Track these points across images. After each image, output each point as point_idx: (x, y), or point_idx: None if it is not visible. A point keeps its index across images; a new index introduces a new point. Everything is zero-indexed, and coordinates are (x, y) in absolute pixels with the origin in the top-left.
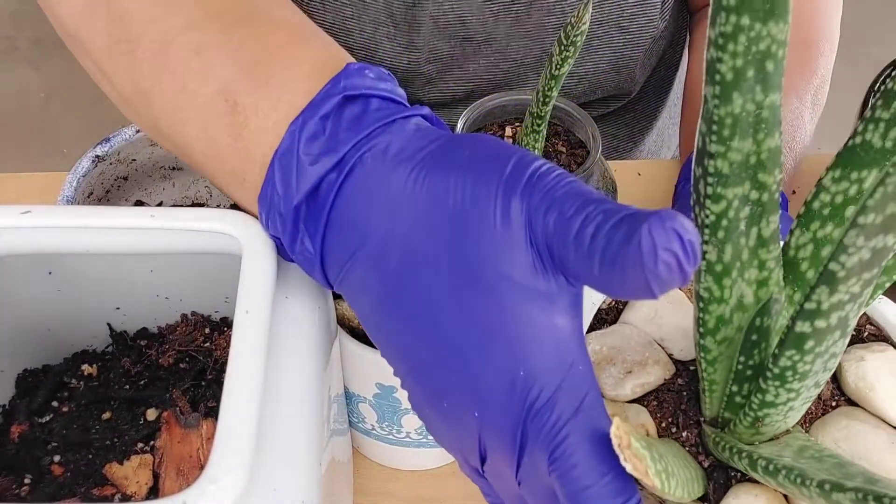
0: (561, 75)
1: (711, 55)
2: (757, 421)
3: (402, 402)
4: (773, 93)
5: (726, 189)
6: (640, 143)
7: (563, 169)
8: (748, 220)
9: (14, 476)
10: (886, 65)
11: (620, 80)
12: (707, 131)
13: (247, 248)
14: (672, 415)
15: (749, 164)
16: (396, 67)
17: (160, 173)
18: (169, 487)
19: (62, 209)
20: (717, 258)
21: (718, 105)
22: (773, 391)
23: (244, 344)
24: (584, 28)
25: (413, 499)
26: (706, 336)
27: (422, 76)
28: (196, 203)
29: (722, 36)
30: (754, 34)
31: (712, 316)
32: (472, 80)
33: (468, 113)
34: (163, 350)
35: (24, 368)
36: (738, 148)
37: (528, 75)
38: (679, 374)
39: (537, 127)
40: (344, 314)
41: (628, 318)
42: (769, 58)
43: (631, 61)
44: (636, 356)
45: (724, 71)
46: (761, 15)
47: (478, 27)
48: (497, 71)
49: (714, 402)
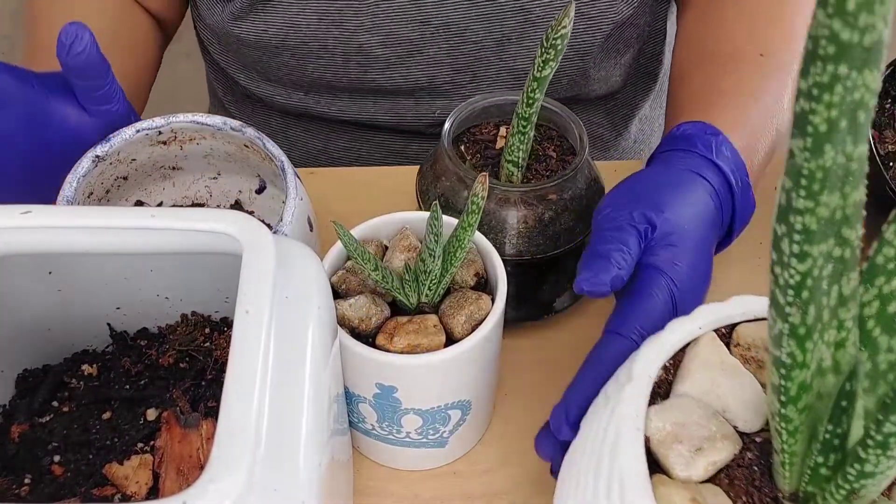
0: (544, 78)
1: (802, 107)
2: (852, 493)
3: (402, 402)
4: (861, 143)
5: (812, 246)
6: (623, 132)
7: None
8: (830, 278)
9: (14, 476)
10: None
11: (584, 65)
12: (794, 186)
13: (247, 248)
14: (746, 493)
15: (835, 220)
16: (349, 50)
17: (160, 173)
18: (169, 487)
19: (62, 209)
20: (801, 320)
21: (809, 158)
22: (873, 460)
23: (244, 344)
24: (563, 32)
25: (413, 499)
26: (788, 405)
27: (379, 60)
28: (196, 203)
29: (817, 87)
30: (850, 83)
31: (794, 383)
32: (431, 65)
33: (456, 113)
34: (163, 350)
35: (24, 368)
36: (826, 203)
37: (490, 60)
38: (746, 447)
39: (523, 128)
40: (344, 314)
41: (683, 390)
42: (861, 107)
43: (592, 47)
44: (703, 431)
45: (817, 123)
46: (858, 63)
47: (433, 10)
48: (458, 54)
49: (794, 476)
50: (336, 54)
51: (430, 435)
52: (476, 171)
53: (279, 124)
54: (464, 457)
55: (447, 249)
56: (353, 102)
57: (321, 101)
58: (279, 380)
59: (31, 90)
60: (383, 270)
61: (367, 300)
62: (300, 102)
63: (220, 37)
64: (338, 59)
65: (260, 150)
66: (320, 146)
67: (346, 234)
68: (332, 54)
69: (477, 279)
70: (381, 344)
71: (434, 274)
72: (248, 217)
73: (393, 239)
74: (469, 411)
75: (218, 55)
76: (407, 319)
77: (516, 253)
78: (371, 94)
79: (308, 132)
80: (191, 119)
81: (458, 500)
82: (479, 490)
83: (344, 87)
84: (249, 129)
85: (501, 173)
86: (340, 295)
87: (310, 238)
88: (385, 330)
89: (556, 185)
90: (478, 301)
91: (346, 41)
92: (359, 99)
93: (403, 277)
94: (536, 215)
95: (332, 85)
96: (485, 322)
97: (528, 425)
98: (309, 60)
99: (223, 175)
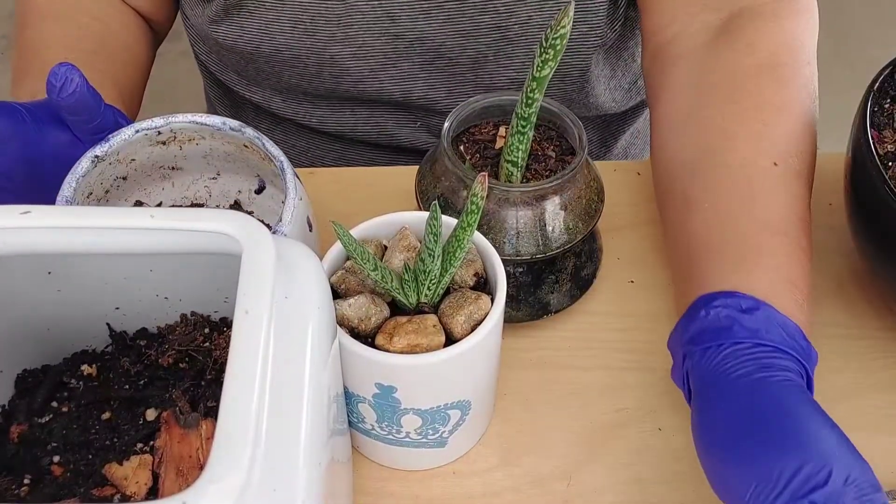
0: (543, 78)
1: None
2: None
3: (402, 402)
4: None
5: None
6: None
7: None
8: None
9: (14, 476)
10: (885, 65)
11: (566, 88)
12: None
13: (247, 248)
14: None
15: None
16: (321, 61)
17: (159, 173)
18: (168, 487)
19: (62, 209)
20: None
21: None
22: None
23: (244, 344)
24: (563, 31)
25: (413, 499)
26: None
27: (351, 72)
28: (196, 203)
29: None
30: None
31: None
32: (405, 80)
33: (455, 113)
34: (162, 350)
35: (23, 368)
36: None
37: (465, 76)
38: None
39: (522, 128)
40: (343, 314)
41: None
42: None
43: (574, 70)
44: None
45: None
46: None
47: (408, 24)
48: (433, 69)
49: None
50: (309, 64)
51: (430, 435)
52: (475, 171)
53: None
54: (464, 457)
55: (447, 249)
56: (331, 111)
57: (300, 109)
58: (279, 380)
59: (24, 126)
60: (383, 270)
61: (367, 300)
62: (281, 109)
63: (203, 38)
64: (311, 68)
65: (259, 150)
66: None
67: (345, 234)
68: (305, 64)
69: (476, 279)
70: (380, 344)
71: (433, 274)
72: (248, 217)
73: (392, 239)
74: (469, 411)
75: (204, 56)
76: (406, 319)
77: (516, 253)
78: (349, 104)
79: (295, 149)
80: (190, 119)
81: (458, 500)
82: (479, 490)
83: (321, 94)
84: (249, 130)
85: (501, 173)
86: (340, 295)
87: (309, 238)
88: (384, 330)
89: (555, 185)
90: (477, 301)
91: (319, 52)
92: (337, 107)
93: (403, 277)
94: (536, 215)
95: (308, 92)
96: (484, 322)
97: (528, 425)
98: (284, 68)
99: (222, 175)
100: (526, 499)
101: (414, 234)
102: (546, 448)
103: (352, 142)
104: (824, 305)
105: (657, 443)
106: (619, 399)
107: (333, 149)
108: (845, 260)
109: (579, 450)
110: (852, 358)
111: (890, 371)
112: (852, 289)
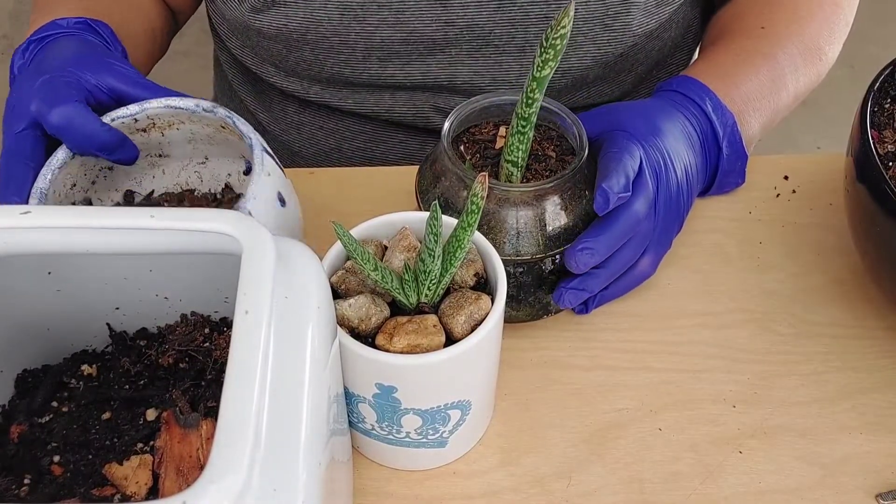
0: (543, 78)
1: None
2: None
3: (402, 402)
4: None
5: None
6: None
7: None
8: None
9: (14, 476)
10: (886, 65)
11: (606, 76)
12: None
13: (246, 248)
14: None
15: None
16: (370, 45)
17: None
18: (169, 487)
19: (62, 209)
20: None
21: None
22: None
23: (244, 344)
24: (563, 32)
25: (413, 499)
26: None
27: (400, 56)
28: (188, 189)
29: None
30: None
31: None
32: (452, 65)
33: (455, 113)
34: (162, 350)
35: (23, 368)
36: None
37: (510, 65)
38: None
39: (523, 128)
40: (343, 314)
41: None
42: None
43: (616, 59)
44: None
45: None
46: None
47: (459, 11)
48: (479, 56)
49: None
50: (357, 49)
51: (430, 435)
52: (476, 171)
53: (294, 120)
54: (464, 457)
55: (447, 249)
56: (370, 95)
57: (338, 94)
58: (279, 380)
59: None
60: (383, 270)
61: (367, 300)
62: (317, 95)
63: (239, 31)
64: (358, 53)
65: (232, 128)
66: (334, 144)
67: (345, 234)
68: (353, 49)
69: (476, 279)
70: (380, 344)
71: (434, 274)
72: (248, 217)
73: (392, 239)
74: (469, 411)
75: (238, 51)
76: (406, 319)
77: (516, 253)
78: (389, 90)
79: (323, 130)
80: (165, 104)
81: (458, 500)
82: (479, 490)
83: (363, 82)
84: (220, 109)
85: (501, 173)
86: (340, 295)
87: (280, 214)
88: (385, 330)
89: (555, 185)
90: (477, 301)
91: (368, 36)
92: (376, 92)
93: (403, 277)
94: (536, 215)
95: (349, 81)
96: (484, 322)
97: (528, 425)
98: (329, 55)
99: (210, 159)
100: (526, 499)
101: (414, 234)
102: (546, 448)
103: (386, 123)
104: (824, 305)
105: (657, 443)
106: (619, 399)
107: (364, 130)
108: (845, 260)
109: (579, 450)
110: (852, 358)
111: (890, 371)
112: (852, 289)
